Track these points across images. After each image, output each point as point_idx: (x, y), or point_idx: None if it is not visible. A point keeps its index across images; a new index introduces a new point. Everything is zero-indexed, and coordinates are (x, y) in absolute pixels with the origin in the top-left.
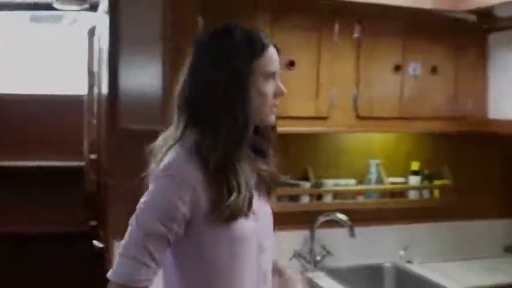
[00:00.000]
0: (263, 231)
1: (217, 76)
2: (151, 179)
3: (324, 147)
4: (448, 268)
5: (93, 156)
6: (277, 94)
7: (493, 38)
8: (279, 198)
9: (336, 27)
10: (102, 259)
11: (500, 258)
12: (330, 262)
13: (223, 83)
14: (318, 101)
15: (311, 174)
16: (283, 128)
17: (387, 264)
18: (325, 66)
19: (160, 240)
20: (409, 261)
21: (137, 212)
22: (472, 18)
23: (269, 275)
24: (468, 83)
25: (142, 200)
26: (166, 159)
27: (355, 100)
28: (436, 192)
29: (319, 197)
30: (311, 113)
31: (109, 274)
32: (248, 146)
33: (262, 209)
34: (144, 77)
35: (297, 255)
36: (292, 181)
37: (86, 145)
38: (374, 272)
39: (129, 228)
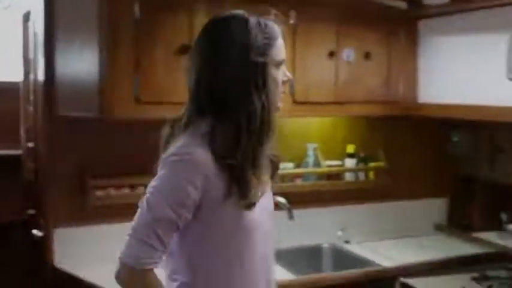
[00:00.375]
0: (266, 216)
1: (235, 69)
2: (161, 164)
3: None
4: (383, 247)
5: (30, 144)
6: (285, 81)
7: (422, 24)
8: None
9: (272, 13)
10: (41, 248)
11: (431, 236)
12: None
13: (242, 75)
14: None
15: None
16: None
17: (325, 245)
18: None
19: (169, 225)
20: (347, 241)
21: (147, 195)
22: (403, 5)
23: (271, 257)
24: (400, 68)
25: (152, 183)
26: (176, 145)
27: (291, 86)
28: (371, 174)
29: None
30: None
31: (119, 254)
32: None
33: (266, 194)
34: (81, 64)
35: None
36: None
37: (22, 133)
38: (313, 253)
39: (139, 210)
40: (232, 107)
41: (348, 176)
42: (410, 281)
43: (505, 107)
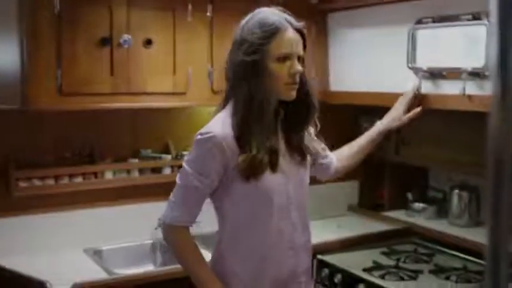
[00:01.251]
0: (293, 187)
1: (237, 59)
2: (195, 138)
3: (183, 121)
4: None
5: None
6: (292, 73)
7: (331, 17)
8: (142, 170)
9: (189, 7)
10: None
11: (346, 216)
12: (191, 229)
13: (242, 65)
14: (175, 77)
15: (172, 147)
16: (143, 103)
17: None
18: (181, 44)
19: (194, 191)
20: None
21: (182, 167)
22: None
23: (299, 223)
24: (312, 59)
25: (185, 157)
26: (207, 125)
27: (209, 76)
28: None
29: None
30: (169, 88)
31: (162, 215)
32: (269, 118)
33: (295, 170)
34: (0, 56)
35: (162, 224)
36: (154, 154)
37: None
38: None
39: (177, 179)
40: (234, 94)
41: None
42: (326, 257)
43: None
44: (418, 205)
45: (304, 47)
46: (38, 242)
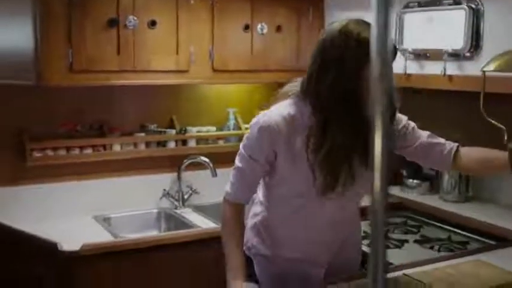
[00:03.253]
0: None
1: (332, 78)
2: (251, 123)
3: (187, 98)
4: None
5: None
6: None
7: (327, 1)
8: (148, 144)
9: None
10: None
11: None
12: (195, 199)
13: (337, 84)
14: (178, 56)
15: (176, 123)
16: (147, 80)
17: None
18: (183, 26)
19: (247, 174)
20: None
21: (239, 149)
22: None
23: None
24: (307, 40)
25: (243, 139)
26: (269, 109)
27: (210, 55)
28: None
29: (184, 142)
30: (172, 67)
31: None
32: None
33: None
34: (13, 35)
35: (167, 194)
36: (160, 129)
37: None
38: None
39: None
40: (328, 107)
41: None
42: None
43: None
44: (412, 181)
45: None
46: (50, 208)
